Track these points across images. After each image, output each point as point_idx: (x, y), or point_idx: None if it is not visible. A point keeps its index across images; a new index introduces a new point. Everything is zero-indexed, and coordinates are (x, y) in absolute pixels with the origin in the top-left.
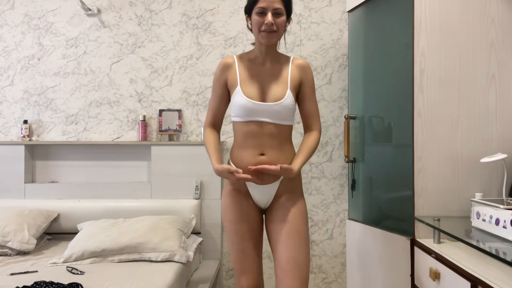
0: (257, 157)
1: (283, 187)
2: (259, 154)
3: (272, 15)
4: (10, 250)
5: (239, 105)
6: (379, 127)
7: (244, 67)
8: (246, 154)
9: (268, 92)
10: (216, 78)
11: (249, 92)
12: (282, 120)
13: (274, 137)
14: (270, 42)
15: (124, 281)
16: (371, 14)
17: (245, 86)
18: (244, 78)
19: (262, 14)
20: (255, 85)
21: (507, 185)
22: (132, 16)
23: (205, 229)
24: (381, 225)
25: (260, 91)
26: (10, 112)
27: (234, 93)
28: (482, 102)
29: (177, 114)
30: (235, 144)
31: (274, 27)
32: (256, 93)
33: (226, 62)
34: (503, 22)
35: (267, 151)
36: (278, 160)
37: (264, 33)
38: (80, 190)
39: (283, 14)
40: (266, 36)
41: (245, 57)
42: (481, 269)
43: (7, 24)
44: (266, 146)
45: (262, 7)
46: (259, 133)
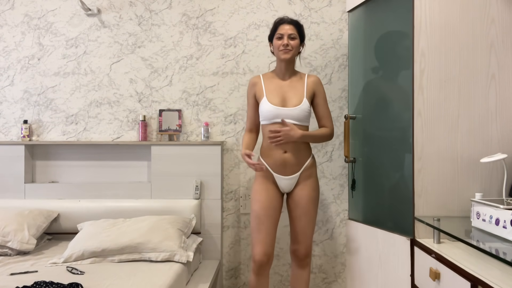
0: (282, 155)
1: (302, 177)
2: (283, 152)
3: (287, 38)
4: (10, 250)
5: (265, 110)
6: (379, 127)
7: (268, 82)
8: (273, 151)
9: (288, 100)
10: (248, 93)
11: (273, 100)
12: (300, 121)
13: None
14: (286, 57)
15: (124, 281)
16: (371, 14)
17: (270, 96)
18: (268, 90)
19: (280, 39)
20: (278, 95)
21: (507, 185)
22: (132, 16)
23: (205, 229)
24: (381, 225)
25: (282, 99)
26: (10, 112)
27: (262, 102)
28: (482, 102)
29: (177, 114)
30: (263, 144)
31: (289, 47)
32: (278, 101)
33: (254, 81)
34: (503, 22)
35: (289, 149)
36: (298, 156)
37: (282, 52)
38: (80, 190)
39: (296, 38)
40: (283, 53)
41: (269, 75)
42: (481, 269)
43: (7, 24)
44: (288, 144)
45: (281, 33)
46: None
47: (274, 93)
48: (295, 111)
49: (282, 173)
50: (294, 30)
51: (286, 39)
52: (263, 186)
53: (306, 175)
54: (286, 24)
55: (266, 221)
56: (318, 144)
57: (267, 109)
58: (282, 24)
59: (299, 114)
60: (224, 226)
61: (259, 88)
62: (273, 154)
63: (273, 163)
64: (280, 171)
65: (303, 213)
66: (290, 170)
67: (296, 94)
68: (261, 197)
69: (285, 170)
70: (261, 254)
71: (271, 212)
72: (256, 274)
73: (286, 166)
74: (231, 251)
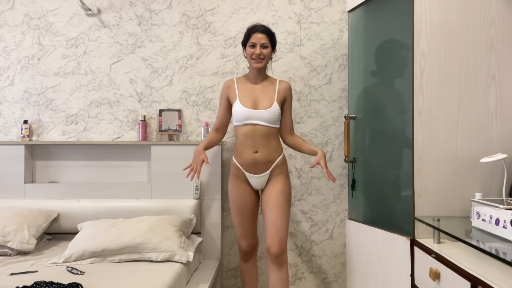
0: (252, 154)
1: (272, 175)
2: (254, 151)
3: (260, 47)
4: (10, 250)
5: (238, 112)
6: (379, 127)
7: (241, 86)
8: (244, 151)
9: (259, 103)
10: (221, 94)
11: (245, 103)
12: (270, 123)
13: (265, 136)
14: (259, 66)
15: (124, 281)
16: (371, 14)
17: (242, 99)
18: (241, 93)
19: (253, 47)
20: (250, 98)
21: (507, 185)
22: (132, 16)
23: (205, 229)
24: (381, 225)
25: (254, 102)
26: (10, 112)
27: (235, 104)
28: (482, 102)
29: (177, 114)
30: (236, 145)
31: (262, 56)
32: (250, 103)
33: (228, 84)
34: (503, 22)
35: (260, 148)
36: (268, 155)
37: (254, 60)
38: (80, 190)
39: (268, 46)
40: (255, 62)
41: (242, 79)
42: (481, 269)
43: (7, 24)
44: (259, 144)
45: (253, 42)
46: (253, 134)
47: (247, 96)
48: (266, 113)
49: (253, 171)
50: (267, 39)
51: (259, 48)
52: (237, 185)
53: (277, 173)
54: (259, 33)
55: (244, 217)
56: (318, 143)
57: (240, 111)
58: (255, 33)
59: (270, 116)
60: (224, 226)
61: (233, 91)
62: (245, 154)
63: (245, 163)
64: (251, 170)
65: (273, 204)
66: (260, 168)
67: (267, 97)
68: (236, 196)
69: (256, 169)
70: (246, 245)
71: (247, 208)
72: (244, 261)
73: (257, 165)
74: (231, 251)
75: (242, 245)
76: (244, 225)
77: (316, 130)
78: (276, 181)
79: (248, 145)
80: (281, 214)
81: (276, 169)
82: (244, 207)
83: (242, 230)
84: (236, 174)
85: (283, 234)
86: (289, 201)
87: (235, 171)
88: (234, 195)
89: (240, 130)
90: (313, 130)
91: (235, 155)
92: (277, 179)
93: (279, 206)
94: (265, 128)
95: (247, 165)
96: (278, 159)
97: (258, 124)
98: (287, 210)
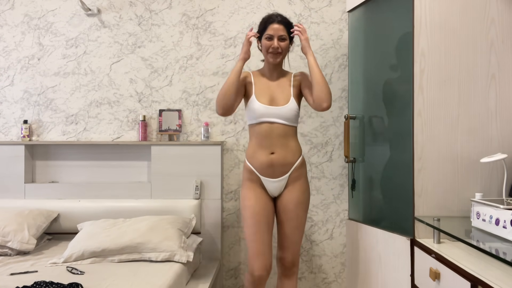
0: (269, 156)
1: (291, 179)
2: (270, 153)
3: (277, 40)
4: (10, 250)
5: (254, 108)
6: (379, 127)
7: (257, 80)
8: (260, 153)
9: (276, 99)
10: None
11: (262, 99)
12: (288, 121)
13: (282, 136)
14: (275, 61)
15: (124, 281)
16: (371, 14)
17: (258, 94)
18: (258, 88)
19: (270, 39)
20: (266, 94)
21: (507, 185)
22: (132, 16)
23: (205, 229)
24: (381, 225)
25: (270, 98)
26: (10, 112)
27: (250, 101)
28: (482, 102)
29: (177, 114)
30: (250, 145)
31: (279, 50)
32: (267, 100)
33: (246, 74)
34: (503, 22)
35: (277, 149)
36: (286, 157)
37: (271, 55)
38: (80, 190)
39: (286, 38)
40: (272, 57)
41: (257, 73)
42: (481, 269)
43: (7, 24)
44: (276, 145)
45: (270, 34)
46: (270, 133)
47: (263, 92)
48: (283, 110)
49: (269, 175)
50: (285, 31)
51: (276, 41)
52: (252, 191)
53: (295, 177)
54: (277, 24)
55: (260, 225)
56: (318, 143)
57: (256, 107)
58: (272, 23)
59: (287, 113)
60: (224, 226)
61: (250, 85)
62: (260, 156)
63: (260, 165)
64: (267, 173)
65: (291, 218)
66: (278, 172)
67: (283, 93)
68: (250, 203)
69: (272, 172)
70: (261, 269)
71: (264, 217)
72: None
73: (273, 168)
74: (231, 251)
75: (255, 268)
76: (260, 236)
77: (316, 130)
78: (294, 188)
79: (264, 146)
80: (299, 228)
81: (295, 173)
82: (260, 214)
83: (257, 244)
84: (250, 179)
85: (298, 247)
86: (307, 211)
87: (249, 175)
88: (248, 200)
89: (255, 129)
90: (313, 130)
91: (248, 158)
92: (296, 185)
93: (297, 219)
94: (283, 127)
95: (262, 168)
96: (297, 161)
97: (275, 122)
98: (304, 222)
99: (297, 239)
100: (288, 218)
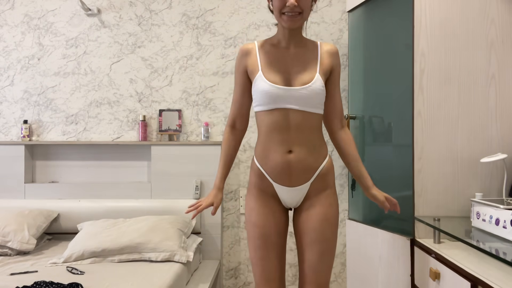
0: (285, 156)
1: (314, 187)
2: (287, 151)
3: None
4: (10, 250)
5: (261, 91)
6: (379, 127)
7: (265, 52)
8: (272, 152)
9: (294, 76)
10: (236, 67)
11: (272, 76)
12: (311, 107)
13: (303, 129)
14: (294, 25)
15: (124, 281)
16: (371, 14)
17: (267, 71)
18: (266, 63)
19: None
20: (279, 70)
21: (507, 185)
22: (132, 16)
23: (205, 229)
24: (381, 225)
25: (285, 76)
26: (10, 112)
27: (255, 79)
28: (482, 102)
29: (177, 114)
30: (259, 141)
31: (298, 9)
32: (280, 78)
33: (245, 48)
34: (503, 22)
35: (296, 147)
36: (308, 157)
37: (286, 17)
38: (80, 190)
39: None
40: (288, 20)
41: (267, 42)
42: (481, 269)
43: (7, 24)
44: (295, 141)
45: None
46: (285, 124)
47: (274, 67)
48: (304, 92)
49: (285, 182)
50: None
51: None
52: (260, 202)
53: (320, 185)
54: None
55: (269, 249)
56: None
57: (264, 88)
58: None
59: (310, 96)
60: (224, 226)
61: (253, 60)
62: (273, 156)
63: (273, 169)
64: (282, 179)
65: (316, 240)
66: (297, 178)
67: (305, 68)
68: (258, 219)
69: (289, 178)
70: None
71: (275, 237)
72: None
73: (291, 172)
74: (231, 251)
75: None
76: (268, 262)
77: None
78: (319, 201)
79: (278, 142)
80: (326, 254)
81: (320, 180)
82: (270, 235)
83: (264, 270)
84: (259, 186)
85: (324, 280)
86: (336, 231)
87: (258, 181)
88: (255, 216)
89: (264, 119)
90: None
91: (257, 157)
92: (321, 197)
93: (324, 243)
94: (304, 115)
95: (276, 173)
96: (323, 163)
97: (292, 108)
98: (334, 247)
99: (324, 269)
100: (312, 241)
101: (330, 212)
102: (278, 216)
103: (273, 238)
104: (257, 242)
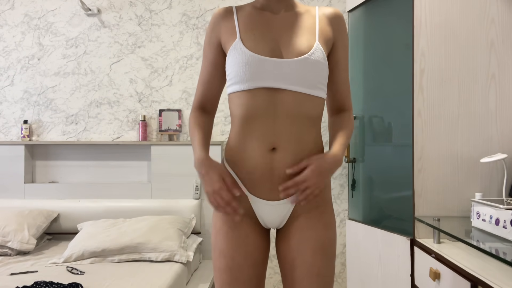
0: (266, 155)
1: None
2: (269, 149)
3: None
4: (10, 250)
5: (238, 62)
6: (379, 127)
7: (246, 15)
8: (248, 150)
9: (284, 45)
10: (206, 39)
11: (254, 44)
12: (308, 87)
13: (294, 118)
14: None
15: (124, 281)
16: (371, 14)
17: (247, 38)
18: (246, 28)
19: None
20: (263, 37)
21: (507, 185)
22: (132, 16)
23: (205, 229)
24: (381, 225)
25: (272, 44)
26: (10, 112)
27: (231, 49)
28: (482, 102)
29: (177, 114)
30: (232, 134)
31: None
32: (265, 47)
33: (219, 12)
34: (503, 22)
35: (281, 143)
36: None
37: None
38: (80, 190)
39: None
40: None
41: (248, 7)
42: (481, 269)
43: (7, 24)
44: (281, 135)
45: None
46: (270, 111)
47: (257, 32)
48: (297, 65)
49: (265, 194)
50: None
51: None
52: (230, 222)
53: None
54: None
55: None
56: None
57: (242, 59)
58: None
59: (307, 72)
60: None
61: (229, 25)
62: (250, 155)
63: (249, 174)
64: (261, 190)
65: (307, 274)
66: None
67: (301, 35)
68: (226, 247)
69: (271, 187)
70: None
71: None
72: None
73: (273, 179)
74: None
75: None
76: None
77: None
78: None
79: (258, 135)
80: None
81: None
82: (242, 269)
83: None
84: None
85: None
86: (334, 262)
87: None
88: (221, 241)
89: (241, 104)
90: None
91: (228, 157)
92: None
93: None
94: (297, 99)
95: (253, 180)
96: None
97: (281, 88)
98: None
99: None
100: (303, 277)
101: (325, 238)
102: (252, 242)
103: (246, 273)
104: (224, 278)
